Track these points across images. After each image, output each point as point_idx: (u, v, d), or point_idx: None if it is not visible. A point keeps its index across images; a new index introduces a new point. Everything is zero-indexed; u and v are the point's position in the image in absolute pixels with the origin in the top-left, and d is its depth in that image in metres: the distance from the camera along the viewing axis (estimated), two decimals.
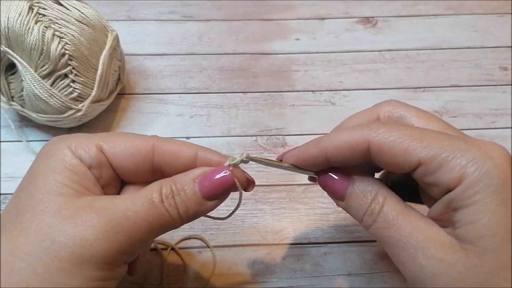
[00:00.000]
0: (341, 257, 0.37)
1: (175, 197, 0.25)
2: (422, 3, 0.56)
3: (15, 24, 0.37)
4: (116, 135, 0.27)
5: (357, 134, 0.24)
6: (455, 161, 0.22)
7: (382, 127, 0.24)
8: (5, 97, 0.41)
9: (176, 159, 0.27)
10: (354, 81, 0.48)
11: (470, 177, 0.22)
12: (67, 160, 0.25)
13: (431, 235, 0.23)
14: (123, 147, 0.26)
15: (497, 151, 0.23)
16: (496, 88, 0.48)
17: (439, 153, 0.22)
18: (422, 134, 0.23)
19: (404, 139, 0.23)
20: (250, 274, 0.36)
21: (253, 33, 0.53)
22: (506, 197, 0.21)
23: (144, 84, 0.48)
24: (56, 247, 0.22)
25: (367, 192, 0.25)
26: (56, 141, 0.27)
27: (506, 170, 0.22)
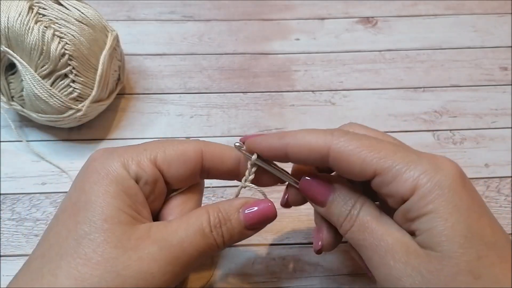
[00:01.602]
0: (341, 257, 0.37)
1: (222, 226, 0.26)
2: (422, 3, 0.56)
3: (15, 24, 0.37)
4: (164, 144, 0.27)
5: (320, 138, 0.25)
6: (408, 173, 0.23)
7: (344, 135, 0.25)
8: (5, 97, 0.41)
9: (223, 163, 0.28)
10: (354, 81, 0.48)
11: (423, 188, 0.23)
12: (123, 182, 0.25)
13: (399, 239, 0.24)
14: (175, 155, 0.27)
15: (447, 164, 0.24)
16: (496, 88, 0.48)
17: (394, 165, 0.24)
18: (380, 146, 0.25)
19: (362, 149, 0.24)
20: (250, 274, 0.36)
21: (253, 33, 0.53)
22: (458, 204, 0.23)
23: (144, 84, 0.48)
24: (121, 280, 0.23)
25: (348, 200, 0.26)
26: (107, 156, 0.26)
27: (456, 180, 0.23)
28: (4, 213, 0.38)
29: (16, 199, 0.39)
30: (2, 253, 0.36)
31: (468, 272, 0.22)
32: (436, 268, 0.22)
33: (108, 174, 0.25)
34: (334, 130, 0.26)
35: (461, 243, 0.22)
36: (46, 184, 0.40)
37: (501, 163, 0.42)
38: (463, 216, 0.23)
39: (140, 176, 0.26)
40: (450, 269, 0.22)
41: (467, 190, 0.24)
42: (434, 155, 0.25)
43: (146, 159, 0.26)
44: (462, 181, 0.24)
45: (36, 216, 0.38)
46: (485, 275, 0.22)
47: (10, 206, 0.39)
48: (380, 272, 0.24)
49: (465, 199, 0.23)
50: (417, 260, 0.23)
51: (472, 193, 0.24)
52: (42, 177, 0.41)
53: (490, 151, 0.43)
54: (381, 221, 0.25)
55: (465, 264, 0.22)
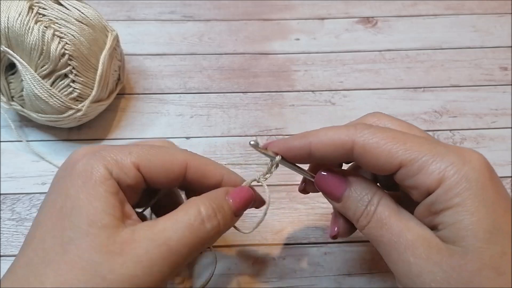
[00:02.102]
0: (341, 257, 0.37)
1: (217, 215, 0.26)
2: (422, 3, 0.56)
3: (15, 24, 0.37)
4: (149, 150, 0.27)
5: (343, 133, 0.25)
6: (434, 164, 0.23)
7: (367, 128, 0.25)
8: (5, 97, 0.41)
9: (205, 178, 0.28)
10: (354, 81, 0.48)
11: (449, 180, 0.23)
12: (106, 184, 0.25)
13: (420, 234, 0.24)
14: (159, 165, 0.27)
15: (474, 156, 0.24)
16: (496, 88, 0.48)
17: (420, 157, 0.23)
18: (405, 137, 0.24)
19: (387, 141, 0.24)
20: (250, 274, 0.36)
21: (253, 33, 0.53)
22: (485, 198, 0.22)
23: (144, 84, 0.48)
24: (107, 284, 0.22)
25: (364, 194, 0.26)
26: (89, 157, 0.25)
27: (484, 173, 0.23)
28: (4, 213, 0.38)
29: (16, 199, 0.39)
30: (2, 253, 0.36)
31: (492, 268, 0.22)
32: (459, 264, 0.22)
33: (92, 176, 0.25)
34: (357, 123, 0.26)
35: (486, 238, 0.22)
36: (46, 184, 0.40)
37: (501, 163, 0.42)
38: (490, 210, 0.22)
39: (122, 180, 0.25)
40: (474, 265, 0.22)
41: (494, 184, 0.23)
42: (461, 148, 0.24)
43: (129, 163, 0.26)
44: (489, 174, 0.23)
45: None
46: (510, 272, 0.22)
47: (10, 206, 0.39)
48: (399, 269, 0.24)
49: (492, 193, 0.23)
50: (438, 255, 0.23)
51: (499, 188, 0.23)
52: (42, 177, 0.41)
53: (490, 151, 0.43)
54: (399, 216, 0.25)
55: (489, 259, 0.22)
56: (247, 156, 0.42)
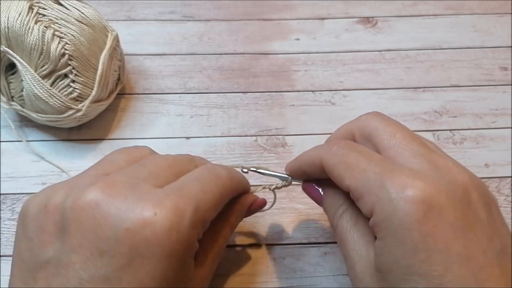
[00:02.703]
0: (341, 257, 0.36)
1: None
2: (422, 3, 0.56)
3: (15, 24, 0.37)
4: (219, 195, 0.27)
5: (315, 153, 0.28)
6: (367, 196, 0.24)
7: (330, 149, 0.27)
8: (5, 97, 0.41)
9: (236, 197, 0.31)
10: (354, 81, 0.48)
11: (376, 216, 0.23)
12: (194, 251, 0.25)
13: (362, 254, 0.25)
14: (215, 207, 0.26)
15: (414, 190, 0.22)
16: (496, 88, 0.48)
17: (359, 187, 0.24)
18: (356, 162, 0.25)
19: (340, 166, 0.26)
20: (250, 274, 0.36)
21: (253, 33, 0.53)
22: (404, 239, 0.22)
23: (144, 84, 0.48)
24: None
25: (333, 205, 0.28)
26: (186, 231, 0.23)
27: (413, 212, 0.22)
28: (4, 213, 0.38)
29: (16, 199, 0.39)
30: (2, 253, 0.36)
31: None
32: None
33: (189, 254, 0.24)
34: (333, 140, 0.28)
35: (400, 278, 0.22)
36: (46, 184, 0.40)
37: (501, 163, 0.42)
38: (407, 252, 0.22)
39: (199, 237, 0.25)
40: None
41: (427, 224, 0.21)
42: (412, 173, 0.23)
43: (207, 222, 0.26)
44: (422, 211, 0.22)
45: None
46: None
47: (10, 206, 0.39)
48: (350, 274, 0.26)
49: (416, 234, 0.21)
50: (370, 279, 0.24)
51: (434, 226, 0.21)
52: (42, 177, 0.41)
53: (490, 151, 0.43)
54: (352, 233, 0.26)
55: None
56: (247, 156, 0.42)
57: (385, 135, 0.26)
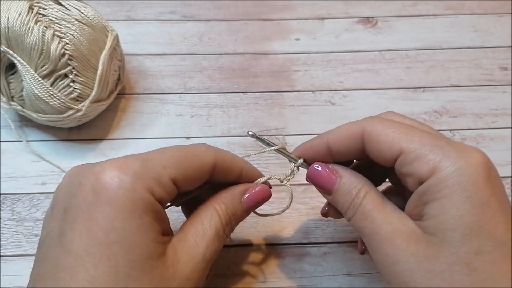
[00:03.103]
0: (341, 257, 0.37)
1: (231, 221, 0.28)
2: (422, 3, 0.56)
3: (15, 24, 0.37)
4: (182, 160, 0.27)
5: (354, 124, 0.27)
6: (431, 155, 0.24)
7: (376, 119, 0.27)
8: (5, 97, 0.41)
9: (228, 173, 0.29)
10: (354, 81, 0.48)
11: (442, 171, 0.23)
12: (152, 209, 0.24)
13: (399, 227, 0.25)
14: (192, 172, 0.27)
15: (475, 154, 0.24)
16: (496, 88, 0.48)
17: (418, 146, 0.24)
18: (408, 129, 0.25)
19: (391, 130, 0.25)
20: (250, 274, 0.36)
21: (253, 33, 0.53)
22: (473, 195, 0.22)
23: (144, 84, 0.48)
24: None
25: (352, 188, 0.27)
26: (127, 181, 0.24)
27: (479, 171, 0.23)
28: (4, 213, 0.38)
29: (16, 199, 0.39)
30: (2, 253, 0.36)
31: (464, 263, 0.22)
32: (434, 255, 0.23)
33: (136, 204, 0.23)
34: (369, 117, 0.28)
35: (465, 234, 0.22)
36: (46, 184, 0.40)
37: (501, 163, 0.42)
38: (476, 208, 0.22)
39: (164, 199, 0.25)
40: (447, 258, 0.22)
41: (490, 183, 0.23)
42: (465, 145, 0.24)
43: (168, 180, 0.25)
44: (486, 173, 0.23)
45: (36, 216, 0.38)
46: (482, 270, 0.22)
47: (10, 206, 0.39)
48: (377, 258, 0.25)
49: (484, 192, 0.22)
50: (416, 246, 0.23)
51: (495, 188, 0.23)
52: (42, 177, 0.41)
53: (490, 151, 0.43)
54: (383, 209, 0.26)
55: (463, 255, 0.22)
56: (247, 156, 0.42)
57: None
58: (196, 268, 0.25)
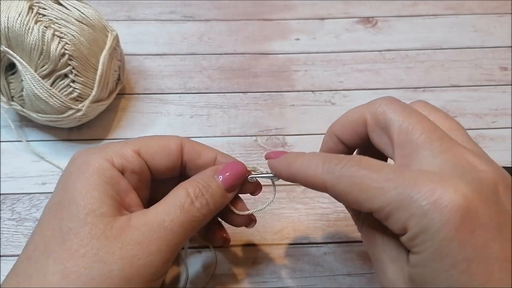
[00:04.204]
0: (341, 257, 0.37)
1: (204, 194, 0.27)
2: (422, 3, 0.56)
3: (15, 24, 0.37)
4: (146, 138, 0.29)
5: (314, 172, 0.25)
6: (396, 215, 0.22)
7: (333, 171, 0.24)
8: (5, 97, 0.41)
9: (200, 158, 0.29)
10: (354, 81, 0.48)
11: (410, 231, 0.22)
12: (105, 173, 0.26)
13: (393, 259, 0.24)
14: (158, 148, 0.28)
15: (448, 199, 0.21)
16: (496, 88, 0.48)
17: (384, 206, 0.22)
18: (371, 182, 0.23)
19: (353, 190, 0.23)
20: (250, 274, 0.36)
21: (253, 33, 0.53)
22: (441, 252, 0.21)
23: (144, 84, 0.48)
24: (108, 267, 0.23)
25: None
26: (88, 153, 0.27)
27: (448, 222, 0.20)
28: (4, 213, 0.38)
29: (16, 199, 0.39)
30: (2, 253, 0.36)
31: None
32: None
33: (89, 167, 0.26)
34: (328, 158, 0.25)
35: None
36: (46, 184, 0.40)
37: (501, 163, 0.42)
38: (446, 265, 0.21)
39: (126, 167, 0.27)
40: None
41: (462, 232, 0.20)
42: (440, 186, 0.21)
43: (129, 151, 0.27)
44: (458, 224, 0.20)
45: (36, 216, 0.38)
46: None
47: (10, 206, 0.39)
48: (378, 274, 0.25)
49: (454, 245, 0.20)
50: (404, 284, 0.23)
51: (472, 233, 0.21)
52: (42, 177, 0.41)
53: (490, 151, 0.43)
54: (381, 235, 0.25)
55: None
56: (247, 156, 0.42)
57: (403, 129, 0.25)
58: (148, 235, 0.24)
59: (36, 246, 0.24)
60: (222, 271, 0.36)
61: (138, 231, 0.24)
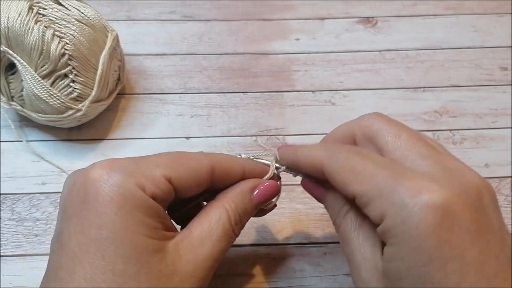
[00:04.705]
0: (341, 257, 0.37)
1: (242, 220, 0.28)
2: (422, 3, 0.56)
3: (15, 24, 0.37)
4: (176, 161, 0.26)
5: (315, 155, 0.27)
6: (378, 201, 0.23)
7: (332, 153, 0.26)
8: (5, 97, 0.41)
9: (229, 177, 0.28)
10: (354, 81, 0.48)
11: (388, 220, 0.22)
12: (144, 205, 0.24)
13: (368, 257, 0.24)
14: (188, 174, 0.26)
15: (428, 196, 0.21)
16: (496, 88, 0.48)
17: (367, 191, 0.23)
18: (363, 167, 0.24)
19: (344, 171, 0.25)
20: (250, 274, 0.36)
21: (253, 33, 0.53)
22: (418, 246, 0.21)
23: (144, 84, 0.48)
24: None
25: (335, 205, 0.27)
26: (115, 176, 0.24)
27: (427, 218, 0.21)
28: (4, 213, 0.38)
29: (16, 199, 0.39)
30: (2, 253, 0.36)
31: None
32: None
33: (126, 199, 0.23)
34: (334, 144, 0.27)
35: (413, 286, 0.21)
36: (46, 184, 0.40)
37: (501, 163, 0.42)
38: (422, 260, 0.21)
39: (157, 195, 0.25)
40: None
41: (441, 230, 0.21)
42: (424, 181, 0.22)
43: (161, 176, 0.25)
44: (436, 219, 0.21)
45: (36, 216, 0.38)
46: None
47: (10, 206, 0.39)
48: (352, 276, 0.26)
49: (432, 240, 0.20)
50: (378, 284, 0.23)
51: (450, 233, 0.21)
52: (42, 177, 0.41)
53: (490, 151, 0.43)
54: (357, 233, 0.25)
55: None
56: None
57: (390, 136, 0.25)
58: (200, 267, 0.25)
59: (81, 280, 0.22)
60: (222, 271, 0.36)
61: (190, 265, 0.25)
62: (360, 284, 0.25)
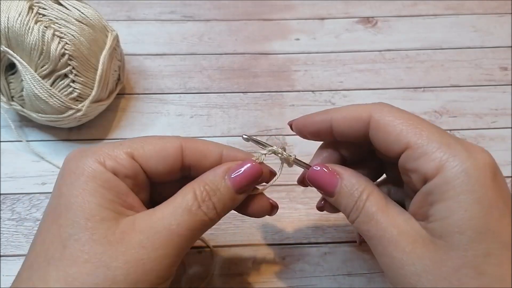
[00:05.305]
0: (341, 257, 0.37)
1: (211, 198, 0.26)
2: (422, 3, 0.56)
3: (15, 24, 0.37)
4: (142, 140, 0.27)
5: (362, 108, 0.26)
6: (438, 152, 0.23)
7: (385, 106, 0.26)
8: (5, 97, 0.41)
9: (205, 158, 0.28)
10: (354, 81, 0.48)
11: (449, 171, 0.22)
12: (100, 177, 0.25)
13: (405, 229, 0.24)
14: (153, 151, 0.27)
15: (482, 155, 0.23)
16: (496, 88, 0.48)
17: (426, 142, 0.23)
18: (418, 122, 0.25)
19: (400, 121, 0.24)
20: (250, 274, 0.36)
21: (253, 33, 0.53)
22: (481, 197, 0.22)
23: (144, 84, 0.48)
24: (112, 273, 0.23)
25: (354, 190, 0.26)
26: (81, 155, 0.26)
27: (486, 172, 0.22)
28: (4, 213, 0.38)
29: (16, 199, 0.39)
30: (2, 253, 0.36)
31: (472, 267, 0.21)
32: (441, 259, 0.22)
33: (83, 172, 0.25)
34: (377, 102, 0.27)
35: (473, 237, 0.22)
36: (46, 184, 0.40)
37: (501, 163, 0.42)
38: (484, 210, 0.22)
39: (118, 170, 0.25)
40: (455, 262, 0.22)
41: (496, 184, 0.22)
42: (472, 145, 0.24)
43: (122, 153, 0.26)
44: (492, 174, 0.23)
45: (36, 216, 0.38)
46: (490, 273, 0.21)
47: (10, 206, 0.39)
48: (383, 261, 0.25)
49: (491, 193, 0.22)
50: (423, 249, 0.23)
51: (501, 190, 0.23)
52: (42, 177, 0.41)
53: (490, 151, 0.42)
54: (387, 211, 0.25)
55: (472, 258, 0.22)
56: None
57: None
58: (152, 238, 0.24)
59: (37, 253, 0.24)
60: (222, 271, 0.36)
61: (142, 235, 0.24)
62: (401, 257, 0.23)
